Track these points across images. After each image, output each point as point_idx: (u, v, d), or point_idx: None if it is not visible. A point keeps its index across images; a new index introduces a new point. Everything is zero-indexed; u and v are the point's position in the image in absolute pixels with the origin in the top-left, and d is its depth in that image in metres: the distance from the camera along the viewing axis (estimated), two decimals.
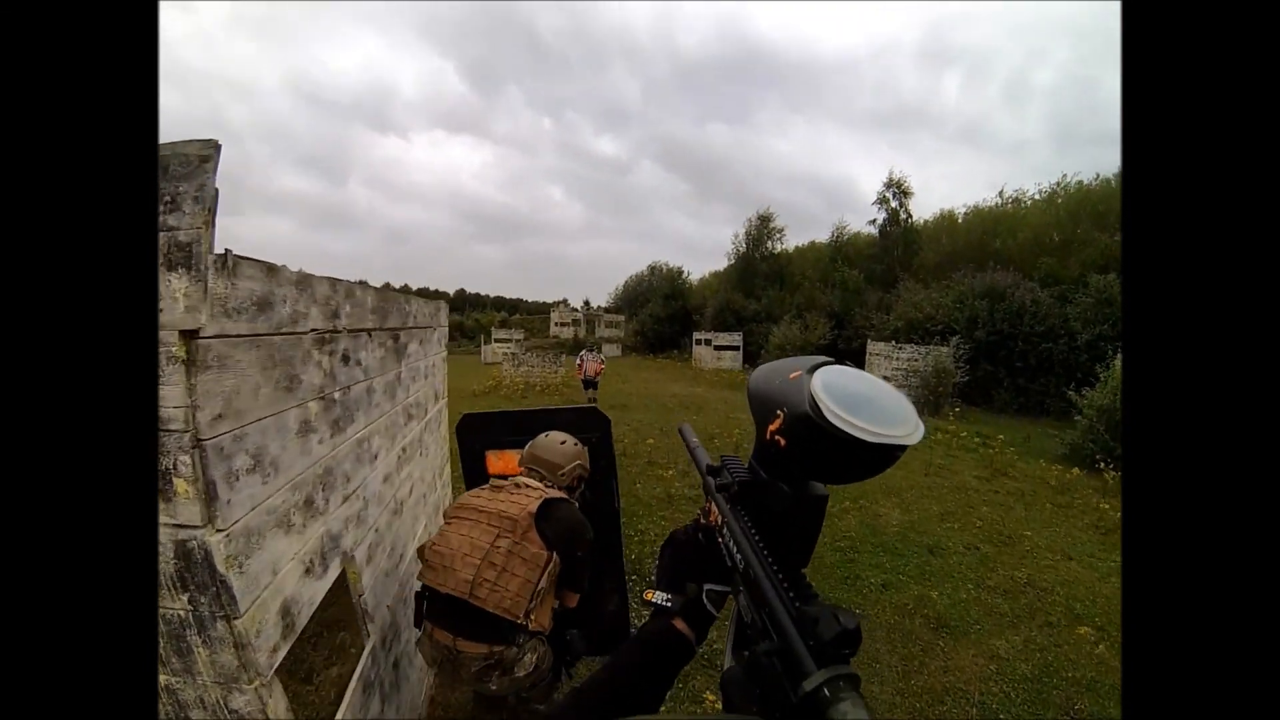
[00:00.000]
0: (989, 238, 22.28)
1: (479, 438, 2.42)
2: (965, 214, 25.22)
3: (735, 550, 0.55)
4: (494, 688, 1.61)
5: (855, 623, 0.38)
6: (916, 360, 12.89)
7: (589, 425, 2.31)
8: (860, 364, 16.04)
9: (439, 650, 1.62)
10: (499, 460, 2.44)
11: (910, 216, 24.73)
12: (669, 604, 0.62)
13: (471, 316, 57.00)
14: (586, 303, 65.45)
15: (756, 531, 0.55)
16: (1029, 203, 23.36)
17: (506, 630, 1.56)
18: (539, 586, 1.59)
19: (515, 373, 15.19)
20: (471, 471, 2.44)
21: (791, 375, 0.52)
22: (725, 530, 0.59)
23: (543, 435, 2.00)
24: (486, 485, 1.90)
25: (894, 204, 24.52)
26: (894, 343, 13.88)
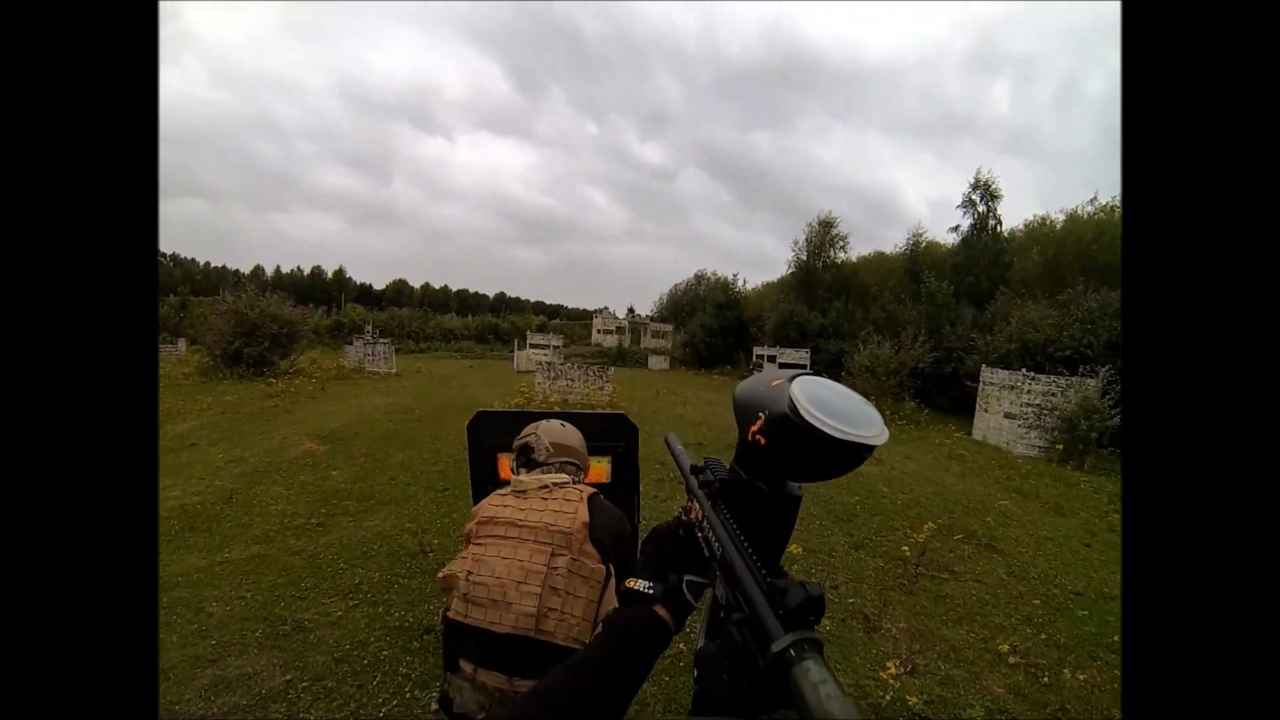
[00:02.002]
0: (1095, 249, 19.49)
1: (492, 438, 2.20)
2: (1063, 221, 22.37)
3: (714, 539, 0.57)
4: None
5: (820, 591, 0.42)
6: (1054, 395, 10.36)
7: (615, 433, 2.17)
8: (969, 395, 13.49)
9: (487, 695, 1.30)
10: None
11: (1000, 223, 21.96)
12: (651, 591, 0.63)
13: (508, 319, 56.03)
14: (631, 310, 63.78)
15: (735, 525, 0.57)
16: None
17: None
18: (600, 607, 1.33)
19: (550, 386, 13.03)
20: (480, 475, 2.24)
21: (773, 384, 0.57)
22: (705, 523, 0.60)
23: (551, 423, 1.67)
24: (508, 491, 1.50)
25: (981, 208, 21.80)
26: (1024, 371, 11.29)
